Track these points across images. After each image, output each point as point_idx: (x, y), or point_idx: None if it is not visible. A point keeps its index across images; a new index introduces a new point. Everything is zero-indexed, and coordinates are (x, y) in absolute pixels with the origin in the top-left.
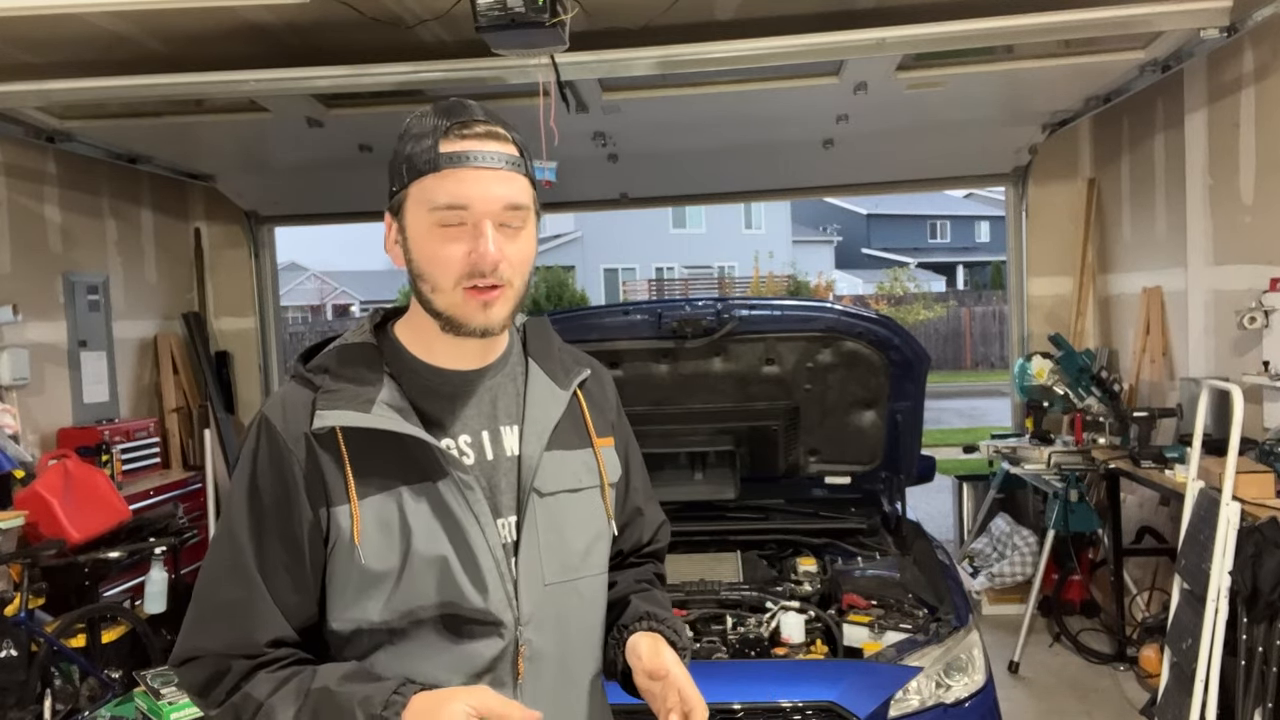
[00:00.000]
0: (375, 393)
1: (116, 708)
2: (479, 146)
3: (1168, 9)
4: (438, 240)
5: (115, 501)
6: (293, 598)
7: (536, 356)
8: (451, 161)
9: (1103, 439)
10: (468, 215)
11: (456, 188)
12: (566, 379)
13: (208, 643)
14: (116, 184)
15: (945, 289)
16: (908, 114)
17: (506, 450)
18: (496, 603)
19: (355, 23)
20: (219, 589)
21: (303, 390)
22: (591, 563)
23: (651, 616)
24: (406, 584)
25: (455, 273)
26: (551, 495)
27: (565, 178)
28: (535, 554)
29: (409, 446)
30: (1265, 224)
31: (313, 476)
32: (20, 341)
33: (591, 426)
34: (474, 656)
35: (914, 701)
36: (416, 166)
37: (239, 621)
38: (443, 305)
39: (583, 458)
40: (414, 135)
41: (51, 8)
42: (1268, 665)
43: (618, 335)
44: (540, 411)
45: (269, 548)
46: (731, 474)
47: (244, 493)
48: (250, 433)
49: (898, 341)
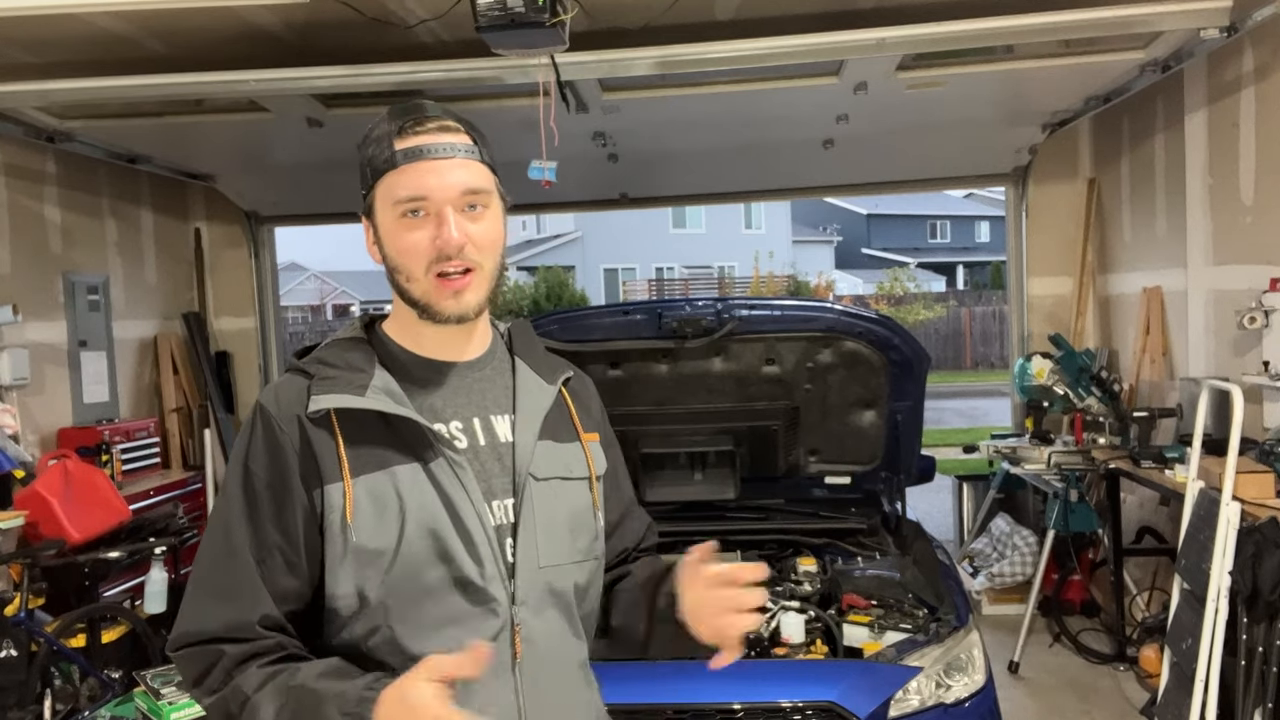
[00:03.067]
0: (368, 379)
1: (116, 708)
2: (432, 139)
3: (1168, 9)
4: (404, 231)
5: (115, 501)
6: (286, 579)
7: (521, 354)
8: (407, 157)
9: (1103, 439)
10: (429, 205)
11: (415, 180)
12: (552, 375)
13: (202, 624)
14: (116, 184)
15: (945, 289)
16: (908, 114)
17: (500, 436)
18: (490, 578)
19: (355, 23)
20: (212, 571)
21: (297, 379)
22: (580, 549)
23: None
24: (402, 560)
25: (424, 259)
26: (545, 481)
27: (565, 178)
28: (532, 537)
29: (402, 430)
30: (1265, 224)
31: (306, 458)
32: (20, 341)
33: (578, 422)
34: (471, 634)
35: (914, 701)
36: (377, 167)
37: (232, 604)
38: (418, 293)
39: (572, 451)
40: (373, 139)
41: (51, 8)
42: (1268, 665)
43: (618, 335)
44: (530, 402)
45: (262, 530)
46: (731, 474)
47: (238, 476)
48: (246, 421)
49: (898, 341)
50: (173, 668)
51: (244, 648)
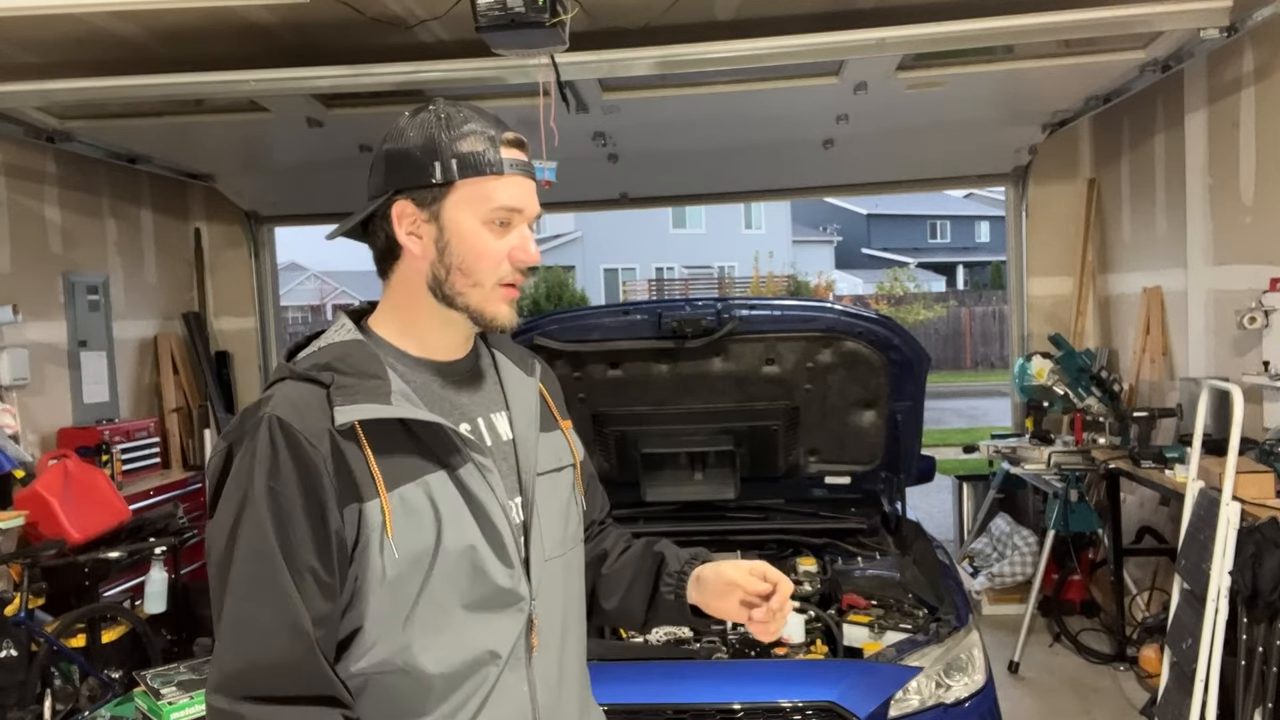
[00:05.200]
0: (387, 385)
1: (116, 708)
2: (527, 158)
3: (1168, 9)
4: (489, 237)
5: (115, 501)
6: (321, 604)
7: (498, 347)
8: (515, 168)
9: (1103, 439)
10: (520, 219)
11: (518, 193)
12: (528, 366)
13: (252, 680)
14: (116, 184)
15: (945, 289)
16: (908, 114)
17: (501, 435)
18: (518, 579)
19: (355, 23)
20: (248, 604)
21: (309, 388)
22: (571, 535)
23: (697, 557)
24: (440, 570)
25: (501, 268)
26: (544, 475)
27: (565, 178)
28: (539, 532)
29: (427, 435)
30: (1265, 224)
31: (341, 473)
32: (20, 341)
33: (555, 410)
34: (501, 634)
35: (914, 701)
36: (476, 165)
37: (273, 641)
38: (475, 299)
39: (557, 438)
40: (461, 133)
41: (51, 8)
42: (1268, 665)
43: (618, 335)
44: (520, 395)
45: (296, 555)
46: (731, 474)
47: (263, 498)
48: (257, 436)
49: (898, 341)
50: (173, 667)
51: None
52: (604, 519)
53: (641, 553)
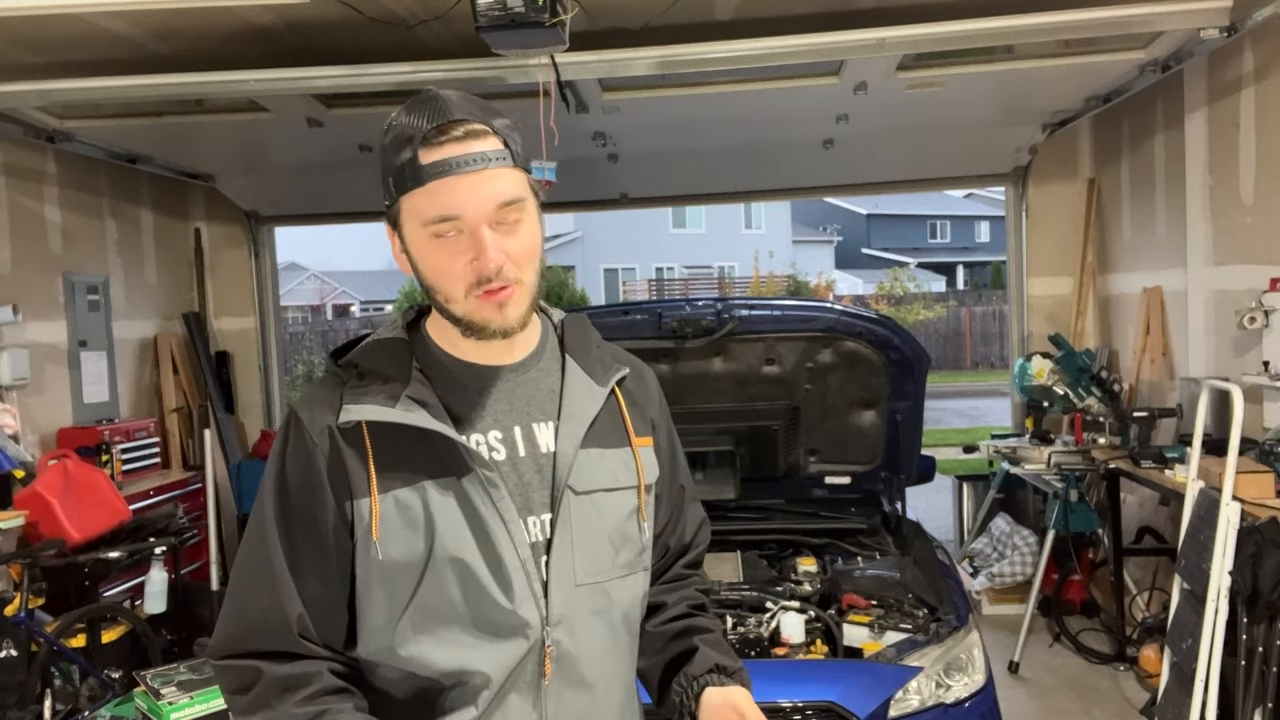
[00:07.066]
0: (401, 388)
1: (116, 708)
2: (460, 150)
3: (1168, 9)
4: (437, 253)
5: (115, 501)
6: (318, 588)
7: (573, 353)
8: (435, 173)
9: (1103, 439)
10: (462, 224)
11: (445, 199)
12: (604, 376)
13: (239, 630)
14: (116, 184)
15: (945, 289)
16: (908, 114)
17: (541, 447)
18: (522, 602)
19: (355, 23)
20: (248, 577)
21: (331, 385)
22: (624, 562)
23: (722, 670)
24: (431, 579)
25: (463, 282)
26: (586, 494)
27: (565, 178)
28: (568, 553)
29: (434, 442)
30: (1265, 224)
31: (335, 469)
32: (20, 341)
33: (630, 426)
34: (501, 654)
35: (914, 701)
36: (401, 182)
37: (267, 610)
38: (460, 313)
39: (621, 457)
40: (394, 144)
41: (51, 8)
42: (1268, 665)
43: (618, 335)
44: (576, 408)
45: (294, 537)
46: (731, 474)
47: (272, 487)
48: (282, 423)
49: (898, 341)
50: (173, 667)
51: (283, 672)
52: (687, 553)
53: (682, 632)
